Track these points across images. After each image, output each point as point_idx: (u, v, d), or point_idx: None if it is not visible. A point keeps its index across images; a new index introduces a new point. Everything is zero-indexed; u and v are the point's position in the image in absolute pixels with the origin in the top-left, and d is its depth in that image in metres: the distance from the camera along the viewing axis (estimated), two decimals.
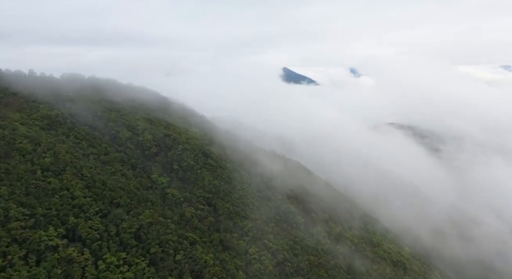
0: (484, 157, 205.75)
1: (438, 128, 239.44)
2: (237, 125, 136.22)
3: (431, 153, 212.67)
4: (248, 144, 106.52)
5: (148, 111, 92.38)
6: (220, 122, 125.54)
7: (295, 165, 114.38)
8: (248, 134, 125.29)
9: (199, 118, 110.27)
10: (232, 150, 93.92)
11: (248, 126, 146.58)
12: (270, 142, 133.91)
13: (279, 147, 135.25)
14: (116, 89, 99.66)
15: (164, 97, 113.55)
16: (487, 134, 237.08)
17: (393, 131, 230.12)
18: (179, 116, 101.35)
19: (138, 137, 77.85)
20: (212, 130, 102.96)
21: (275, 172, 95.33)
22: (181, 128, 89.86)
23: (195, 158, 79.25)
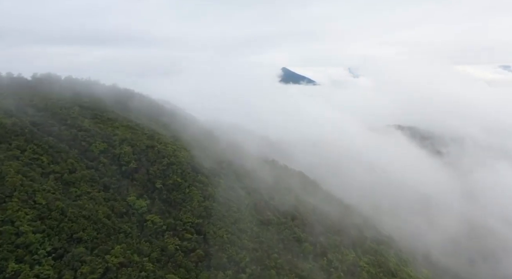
0: (489, 160, 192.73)
1: (439, 130, 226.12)
2: (232, 129, 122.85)
3: (433, 155, 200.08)
4: (245, 153, 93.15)
5: (130, 118, 78.95)
6: (215, 127, 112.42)
7: (297, 175, 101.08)
8: (245, 140, 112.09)
9: (192, 124, 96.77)
10: (227, 161, 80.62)
11: (244, 130, 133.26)
12: (268, 148, 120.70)
13: (278, 152, 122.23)
14: (96, 92, 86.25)
15: (152, 101, 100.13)
16: (489, 136, 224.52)
17: (394, 134, 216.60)
18: (168, 123, 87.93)
19: (115, 150, 64.49)
20: (205, 138, 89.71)
21: (276, 187, 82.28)
22: (167, 137, 76.47)
23: (182, 174, 65.92)
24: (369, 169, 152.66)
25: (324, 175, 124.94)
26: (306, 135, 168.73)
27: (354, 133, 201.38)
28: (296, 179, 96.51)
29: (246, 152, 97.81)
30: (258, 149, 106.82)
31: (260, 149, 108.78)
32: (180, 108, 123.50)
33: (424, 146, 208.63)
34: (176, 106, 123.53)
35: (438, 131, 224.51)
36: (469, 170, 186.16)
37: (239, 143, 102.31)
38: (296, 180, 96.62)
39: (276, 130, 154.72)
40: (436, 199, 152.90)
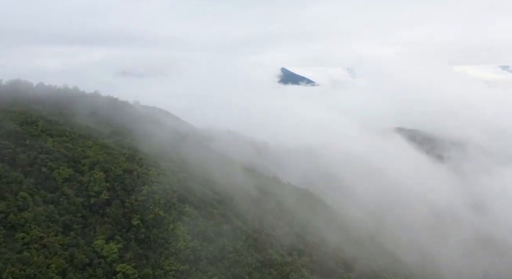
0: (492, 166, 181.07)
1: (439, 132, 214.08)
2: (228, 138, 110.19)
3: (436, 160, 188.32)
4: (243, 170, 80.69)
5: (108, 133, 66.46)
6: (209, 136, 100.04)
7: (300, 193, 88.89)
8: (241, 151, 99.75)
9: (183, 137, 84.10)
10: (222, 183, 68.21)
11: (241, 138, 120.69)
12: (266, 159, 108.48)
13: (275, 162, 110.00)
14: (71, 102, 73.57)
15: (139, 111, 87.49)
16: (491, 139, 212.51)
17: (395, 138, 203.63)
18: (155, 137, 75.28)
19: (83, 177, 52.01)
20: (198, 154, 77.16)
21: (278, 211, 70.02)
22: (151, 157, 63.94)
23: (166, 205, 53.48)
24: (370, 177, 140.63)
25: (324, 185, 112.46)
26: (304, 141, 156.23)
27: (353, 138, 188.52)
28: (298, 197, 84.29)
29: (243, 166, 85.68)
30: (257, 162, 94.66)
31: (258, 162, 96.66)
32: (174, 116, 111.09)
33: (426, 150, 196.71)
34: (168, 113, 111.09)
35: (438, 134, 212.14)
36: (473, 176, 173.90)
37: (234, 155, 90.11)
38: (299, 198, 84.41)
39: (274, 136, 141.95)
40: (443, 209, 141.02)
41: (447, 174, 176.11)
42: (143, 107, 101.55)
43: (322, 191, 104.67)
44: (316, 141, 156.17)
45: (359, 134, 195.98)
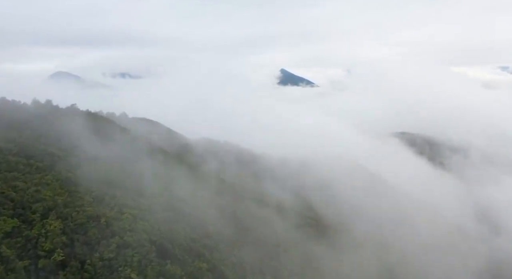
0: (496, 173, 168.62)
1: (440, 137, 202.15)
2: (223, 153, 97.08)
3: (436, 167, 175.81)
4: (240, 198, 68.10)
5: (75, 164, 53.57)
6: (203, 154, 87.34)
7: (310, 225, 76.31)
8: (238, 169, 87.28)
9: (170, 160, 71.24)
10: (216, 221, 55.66)
11: (233, 147, 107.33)
12: (262, 171, 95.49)
13: (273, 176, 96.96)
14: (37, 123, 60.63)
15: (121, 128, 74.52)
16: (493, 145, 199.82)
17: (395, 143, 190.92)
18: (135, 164, 62.33)
19: (31, 231, 39.45)
20: (188, 181, 64.48)
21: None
22: (128, 192, 51.33)
23: (141, 263, 41.03)
24: (373, 188, 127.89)
25: (324, 201, 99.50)
26: (300, 150, 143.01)
27: (352, 144, 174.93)
28: (307, 230, 71.80)
29: (241, 191, 73.36)
30: (256, 186, 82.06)
31: (257, 184, 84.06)
32: (165, 128, 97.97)
33: (428, 156, 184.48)
34: (159, 125, 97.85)
35: (439, 139, 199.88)
36: (478, 185, 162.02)
37: (230, 177, 77.63)
38: (307, 230, 71.94)
39: (271, 146, 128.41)
40: (451, 224, 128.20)
41: (451, 183, 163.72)
42: (131, 120, 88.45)
43: (319, 203, 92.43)
44: (314, 150, 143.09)
45: (358, 140, 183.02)
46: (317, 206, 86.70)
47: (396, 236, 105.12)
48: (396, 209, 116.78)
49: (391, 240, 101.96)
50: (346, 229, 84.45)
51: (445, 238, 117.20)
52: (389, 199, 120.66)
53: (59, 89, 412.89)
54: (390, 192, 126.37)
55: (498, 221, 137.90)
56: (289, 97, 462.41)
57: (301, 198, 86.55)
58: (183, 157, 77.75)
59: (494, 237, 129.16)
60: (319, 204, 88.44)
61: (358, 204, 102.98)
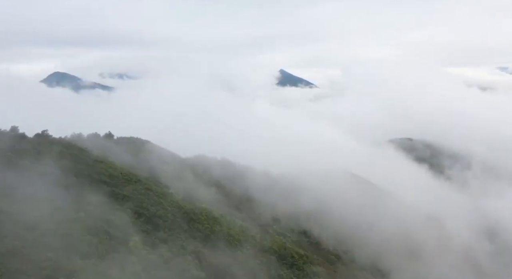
0: (501, 185, 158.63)
1: (441, 144, 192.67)
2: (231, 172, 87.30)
3: (437, 176, 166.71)
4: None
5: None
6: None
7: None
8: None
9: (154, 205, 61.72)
10: None
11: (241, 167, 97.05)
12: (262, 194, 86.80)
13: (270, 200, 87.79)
14: None
15: (102, 159, 63.84)
16: (494, 153, 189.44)
17: (393, 151, 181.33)
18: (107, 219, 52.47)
19: None
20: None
21: None
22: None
23: None
24: (377, 201, 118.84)
25: (324, 227, 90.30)
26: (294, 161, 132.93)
27: (351, 153, 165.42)
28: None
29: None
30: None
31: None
32: (156, 147, 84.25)
33: (428, 165, 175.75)
34: (151, 145, 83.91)
35: (439, 145, 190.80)
36: (482, 197, 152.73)
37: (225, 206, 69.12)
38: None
39: (271, 161, 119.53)
40: (460, 241, 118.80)
41: (455, 195, 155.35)
42: (117, 140, 76.16)
43: (316, 227, 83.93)
44: (309, 160, 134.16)
45: (356, 148, 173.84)
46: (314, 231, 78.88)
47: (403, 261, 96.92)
48: (402, 231, 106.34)
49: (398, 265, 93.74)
50: (347, 257, 76.71)
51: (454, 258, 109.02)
52: (394, 216, 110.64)
53: (56, 91, 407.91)
54: (394, 206, 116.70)
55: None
56: (287, 98, 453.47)
57: (293, 221, 78.20)
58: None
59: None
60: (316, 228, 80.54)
61: (360, 223, 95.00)
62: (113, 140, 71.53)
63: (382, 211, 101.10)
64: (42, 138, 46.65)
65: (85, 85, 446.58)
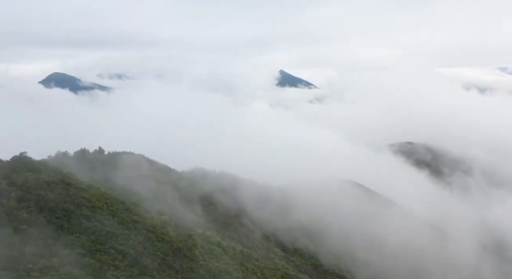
0: (503, 193, 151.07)
1: (441, 148, 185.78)
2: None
3: (438, 183, 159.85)
4: None
5: None
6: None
7: None
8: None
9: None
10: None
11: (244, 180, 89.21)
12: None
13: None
14: None
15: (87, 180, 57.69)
16: (496, 158, 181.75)
17: (393, 156, 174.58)
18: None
19: None
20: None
21: None
22: None
23: None
24: (381, 210, 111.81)
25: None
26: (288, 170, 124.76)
27: (350, 160, 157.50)
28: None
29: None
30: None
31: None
32: (149, 162, 76.43)
33: (428, 172, 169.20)
34: (145, 159, 75.91)
35: (441, 152, 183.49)
36: (485, 205, 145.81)
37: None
38: None
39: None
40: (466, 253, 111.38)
41: (458, 204, 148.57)
42: (107, 156, 69.38)
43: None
44: (306, 168, 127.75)
45: (355, 153, 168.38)
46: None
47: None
48: (406, 245, 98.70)
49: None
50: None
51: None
52: (397, 229, 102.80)
53: (53, 92, 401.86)
54: (397, 218, 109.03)
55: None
56: (286, 99, 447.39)
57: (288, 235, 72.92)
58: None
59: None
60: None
61: (361, 238, 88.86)
62: (103, 156, 65.45)
63: (384, 224, 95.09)
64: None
65: (84, 86, 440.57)
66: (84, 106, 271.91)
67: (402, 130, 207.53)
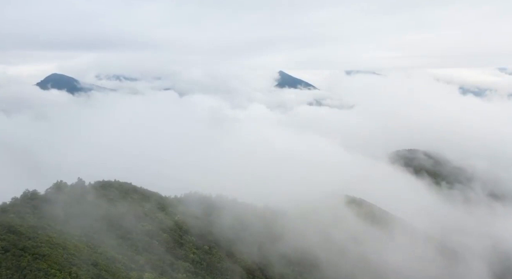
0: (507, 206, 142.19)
1: (442, 156, 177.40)
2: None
3: (439, 191, 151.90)
4: None
5: None
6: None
7: None
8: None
9: None
10: None
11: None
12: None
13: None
14: None
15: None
16: (497, 168, 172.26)
17: (391, 166, 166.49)
18: None
19: None
20: None
21: None
22: None
23: None
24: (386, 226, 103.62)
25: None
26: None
27: (349, 171, 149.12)
28: None
29: None
30: None
31: None
32: (140, 192, 69.51)
33: (430, 182, 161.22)
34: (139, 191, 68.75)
35: (439, 158, 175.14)
36: (487, 216, 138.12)
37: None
38: None
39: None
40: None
41: (461, 216, 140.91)
42: (89, 187, 61.63)
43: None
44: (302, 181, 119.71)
45: (354, 164, 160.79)
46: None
47: None
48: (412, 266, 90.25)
49: None
50: None
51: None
52: (402, 250, 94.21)
53: (51, 94, 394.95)
54: (401, 237, 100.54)
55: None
56: (284, 100, 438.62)
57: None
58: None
59: None
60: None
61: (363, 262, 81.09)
62: (84, 187, 58.32)
63: (387, 244, 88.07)
64: None
65: (82, 87, 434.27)
66: (77, 113, 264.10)
67: (401, 136, 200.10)
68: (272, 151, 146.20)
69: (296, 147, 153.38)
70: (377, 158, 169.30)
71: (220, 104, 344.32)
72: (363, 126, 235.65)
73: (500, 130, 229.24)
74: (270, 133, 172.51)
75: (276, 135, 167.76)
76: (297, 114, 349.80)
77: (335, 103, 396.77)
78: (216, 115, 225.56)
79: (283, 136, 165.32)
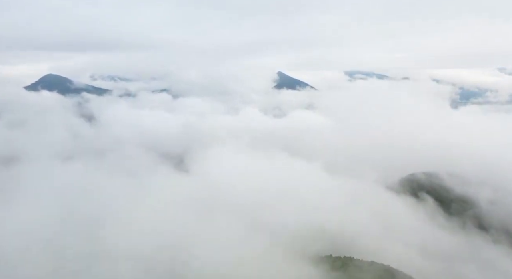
0: None
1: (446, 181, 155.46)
2: None
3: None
4: None
5: None
6: None
7: None
8: None
9: None
10: None
11: None
12: None
13: None
14: None
15: None
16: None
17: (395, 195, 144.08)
18: None
19: None
20: None
21: None
22: None
23: None
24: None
25: None
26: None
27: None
28: None
29: None
30: None
31: None
32: None
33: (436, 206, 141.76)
34: None
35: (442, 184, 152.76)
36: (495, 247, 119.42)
37: None
38: None
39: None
40: None
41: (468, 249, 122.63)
42: None
43: None
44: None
45: (349, 189, 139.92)
46: None
47: None
48: None
49: None
50: None
51: None
52: None
53: (42, 96, 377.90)
54: None
55: None
56: (280, 104, 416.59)
57: None
58: None
59: None
60: None
61: None
62: None
63: None
64: None
65: (75, 88, 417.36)
66: (62, 118, 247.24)
67: (403, 157, 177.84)
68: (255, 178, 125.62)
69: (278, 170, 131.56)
70: (380, 183, 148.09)
71: (213, 107, 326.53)
72: (358, 143, 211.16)
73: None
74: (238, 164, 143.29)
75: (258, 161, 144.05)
76: (293, 119, 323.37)
77: (330, 112, 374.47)
78: (199, 126, 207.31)
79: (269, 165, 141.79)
